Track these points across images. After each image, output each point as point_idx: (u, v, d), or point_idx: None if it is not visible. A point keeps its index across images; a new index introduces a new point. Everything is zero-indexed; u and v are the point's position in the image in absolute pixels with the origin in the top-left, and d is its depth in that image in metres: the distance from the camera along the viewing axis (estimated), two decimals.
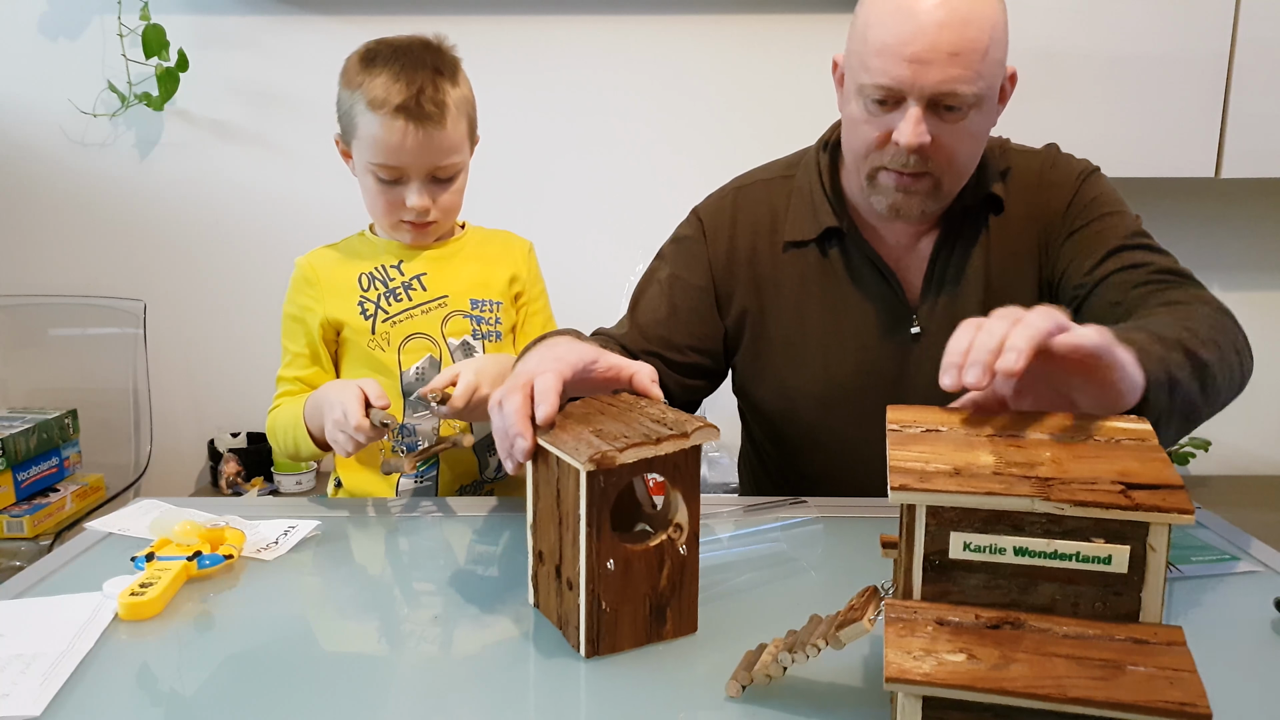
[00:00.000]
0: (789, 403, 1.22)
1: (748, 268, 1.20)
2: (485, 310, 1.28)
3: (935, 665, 0.57)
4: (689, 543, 0.77)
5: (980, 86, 1.01)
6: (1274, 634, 0.80)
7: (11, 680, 0.71)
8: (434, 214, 1.22)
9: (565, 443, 0.74)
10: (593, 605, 0.74)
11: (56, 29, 2.28)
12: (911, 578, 0.62)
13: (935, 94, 1.00)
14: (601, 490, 0.72)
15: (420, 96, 1.15)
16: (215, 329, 2.41)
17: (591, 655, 0.75)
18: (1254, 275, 2.40)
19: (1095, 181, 1.16)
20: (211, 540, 0.93)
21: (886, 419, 0.70)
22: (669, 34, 2.31)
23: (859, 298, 1.17)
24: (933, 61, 0.99)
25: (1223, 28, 1.97)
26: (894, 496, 0.61)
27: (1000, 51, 1.03)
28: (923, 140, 1.02)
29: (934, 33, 0.98)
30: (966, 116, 1.03)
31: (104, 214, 2.36)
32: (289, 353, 1.26)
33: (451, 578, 0.91)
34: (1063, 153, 1.19)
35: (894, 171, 1.06)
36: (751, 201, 1.23)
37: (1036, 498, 0.58)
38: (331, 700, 0.70)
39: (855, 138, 1.09)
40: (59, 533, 2.02)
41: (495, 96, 1.44)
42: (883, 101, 1.03)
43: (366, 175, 1.21)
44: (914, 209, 1.08)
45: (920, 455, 0.64)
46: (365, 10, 2.27)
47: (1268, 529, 1.17)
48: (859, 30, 1.06)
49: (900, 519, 0.63)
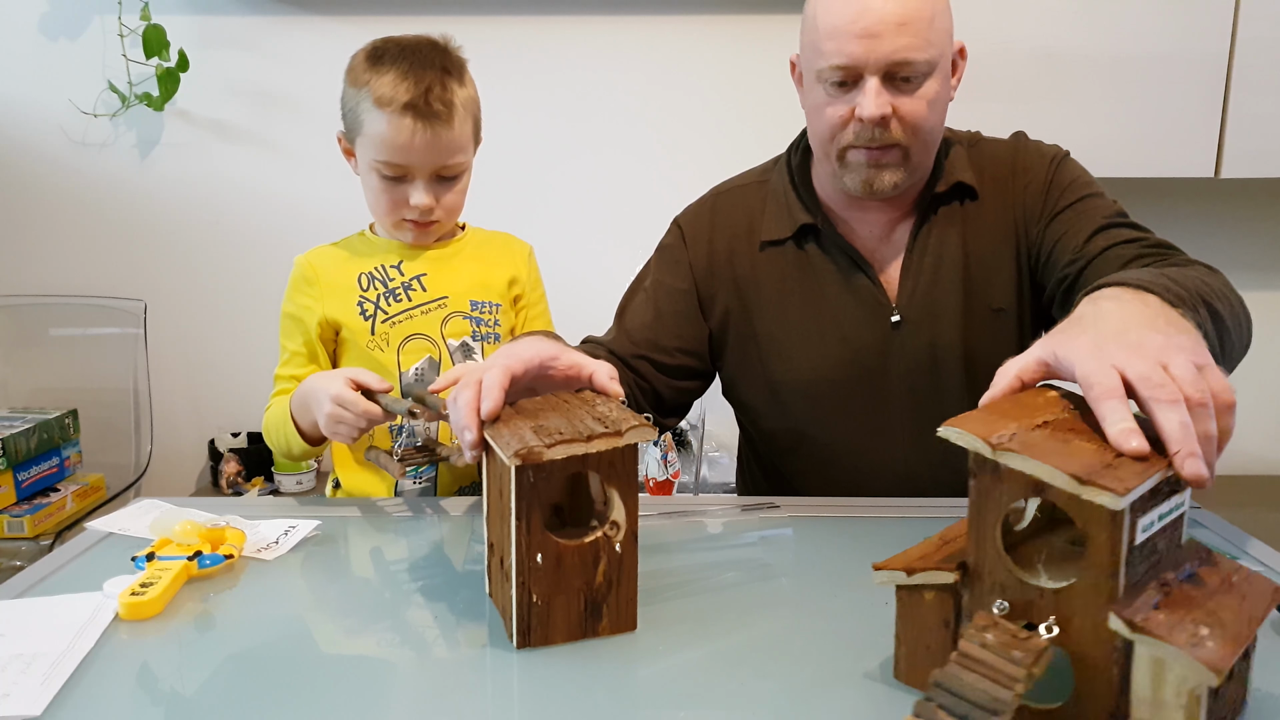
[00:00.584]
0: (775, 397, 1.23)
1: (728, 269, 1.23)
2: (485, 312, 1.28)
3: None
4: (626, 541, 0.77)
5: (931, 54, 1.06)
6: (1274, 634, 0.80)
7: (11, 680, 0.71)
8: (437, 213, 1.23)
9: (502, 436, 0.75)
10: (524, 597, 0.75)
11: (57, 29, 2.28)
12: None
13: (890, 64, 1.05)
14: (531, 484, 0.73)
15: (428, 95, 1.16)
16: (215, 329, 2.41)
17: (523, 646, 0.76)
18: (1254, 275, 2.40)
19: (1069, 165, 1.19)
20: (212, 540, 0.93)
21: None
22: (669, 35, 2.31)
23: (838, 290, 1.19)
24: (882, 34, 1.03)
25: (1223, 28, 1.97)
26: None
27: (945, 21, 1.09)
28: (884, 110, 1.06)
29: (879, 6, 1.03)
30: (922, 85, 1.07)
31: (104, 214, 2.36)
32: (286, 351, 1.26)
33: (451, 577, 0.92)
34: (1030, 139, 1.22)
35: (862, 148, 1.09)
36: (729, 207, 1.26)
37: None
38: (331, 700, 0.70)
39: (820, 123, 1.12)
40: (59, 533, 2.02)
41: (495, 97, 1.44)
42: (841, 83, 1.07)
43: (370, 173, 1.21)
44: (886, 182, 1.11)
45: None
46: (366, 10, 2.27)
47: (1268, 529, 1.17)
48: (809, 22, 1.10)
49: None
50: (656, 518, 1.08)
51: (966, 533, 0.66)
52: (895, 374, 1.18)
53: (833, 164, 1.13)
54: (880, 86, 1.05)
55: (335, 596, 0.89)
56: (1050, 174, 1.17)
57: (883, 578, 0.70)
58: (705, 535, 1.04)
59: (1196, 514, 1.10)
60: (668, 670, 0.74)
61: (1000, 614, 0.63)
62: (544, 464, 0.72)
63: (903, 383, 1.18)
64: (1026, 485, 0.60)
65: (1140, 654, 0.58)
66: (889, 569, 0.69)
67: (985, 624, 0.61)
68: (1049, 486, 0.59)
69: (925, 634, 0.69)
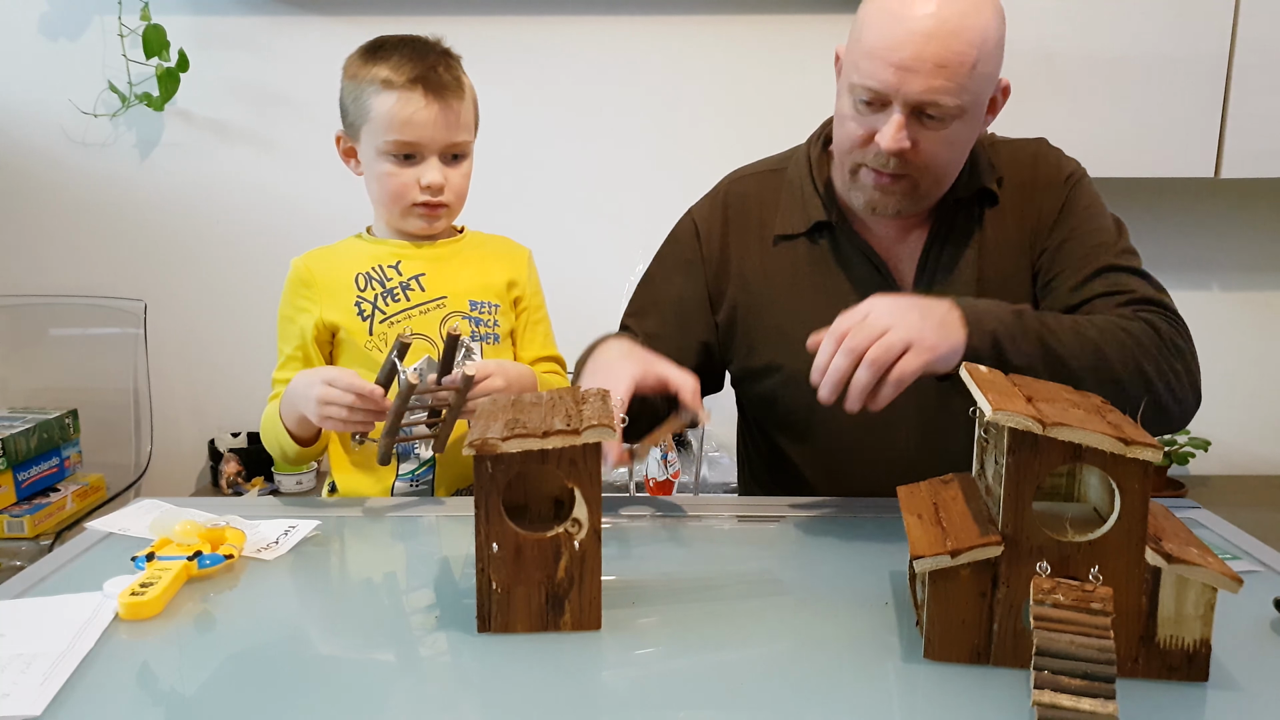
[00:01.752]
0: (783, 389, 1.22)
1: (739, 263, 1.23)
2: (484, 312, 1.28)
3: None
4: (588, 539, 0.78)
5: (964, 99, 1.03)
6: (1274, 634, 0.80)
7: (11, 680, 0.71)
8: (447, 194, 1.23)
9: (475, 428, 0.79)
10: (483, 583, 0.78)
11: (57, 29, 2.28)
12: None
13: (918, 102, 1.03)
14: (490, 475, 0.76)
15: (436, 69, 1.19)
16: (215, 329, 2.41)
17: (483, 630, 0.79)
18: (1254, 275, 2.40)
19: (1085, 188, 1.18)
20: (212, 540, 0.93)
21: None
22: (668, 35, 2.31)
23: (849, 286, 1.18)
24: (918, 70, 1.01)
25: (1223, 28, 1.97)
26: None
27: (990, 65, 1.05)
28: (901, 145, 1.04)
29: (921, 42, 1.00)
30: (948, 125, 1.05)
31: (104, 214, 2.36)
32: (283, 355, 1.26)
33: (451, 577, 0.92)
34: (1051, 147, 1.21)
35: (874, 170, 1.09)
36: (741, 196, 1.25)
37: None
38: (332, 700, 0.70)
39: (842, 133, 1.12)
40: (59, 533, 2.02)
41: (493, 97, 1.45)
42: (869, 102, 1.05)
43: (378, 160, 1.21)
44: (889, 207, 1.11)
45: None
46: (365, 10, 2.27)
47: (1268, 529, 1.17)
48: (856, 29, 1.08)
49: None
50: (653, 518, 1.08)
51: (1001, 504, 0.72)
52: None
53: (844, 174, 1.14)
54: (904, 120, 1.03)
55: (335, 596, 0.89)
56: (1065, 195, 1.16)
57: (927, 564, 0.73)
58: (704, 535, 1.04)
59: (1196, 514, 1.10)
60: (675, 670, 0.74)
61: (1044, 574, 0.71)
62: (499, 455, 0.75)
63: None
64: (1065, 454, 0.70)
65: (1166, 580, 0.71)
66: (929, 555, 0.73)
67: (1048, 587, 0.69)
68: (1089, 451, 0.69)
69: (961, 609, 0.74)
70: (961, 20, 1.01)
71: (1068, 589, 0.69)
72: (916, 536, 0.76)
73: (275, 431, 1.19)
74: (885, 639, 0.78)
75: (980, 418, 0.82)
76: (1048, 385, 0.81)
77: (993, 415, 0.70)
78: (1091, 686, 0.64)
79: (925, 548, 0.74)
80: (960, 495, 0.83)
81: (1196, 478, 2.38)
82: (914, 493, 0.87)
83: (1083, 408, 0.75)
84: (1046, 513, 0.75)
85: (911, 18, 1.01)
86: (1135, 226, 1.21)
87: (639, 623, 0.82)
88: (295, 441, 1.18)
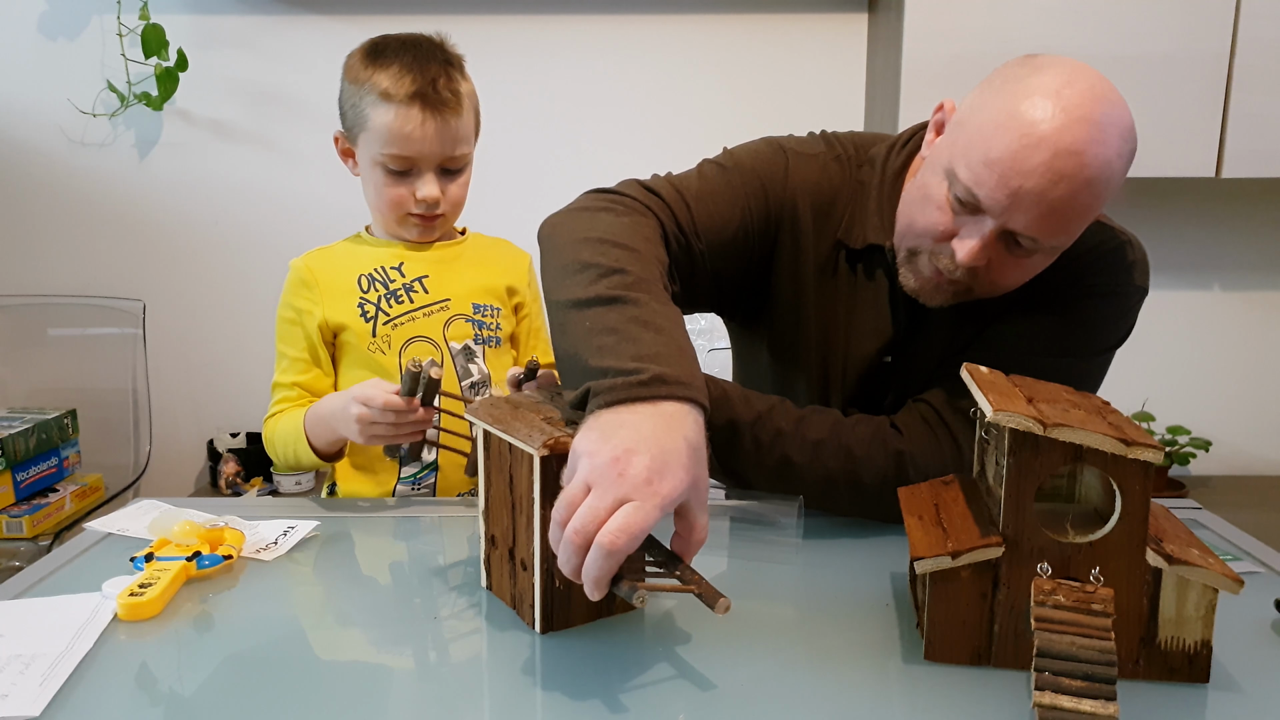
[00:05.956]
0: (772, 386, 1.18)
1: (791, 234, 1.10)
2: (487, 315, 1.28)
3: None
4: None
5: (1061, 240, 0.94)
6: (1274, 634, 0.80)
7: (11, 680, 0.71)
8: (443, 206, 1.22)
9: (518, 430, 0.78)
10: (547, 584, 0.78)
11: (56, 29, 2.28)
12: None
13: (1014, 230, 0.92)
14: (555, 474, 0.75)
15: (435, 84, 1.17)
16: (215, 329, 2.41)
17: (546, 631, 0.79)
18: (1254, 275, 2.40)
19: (1103, 313, 1.05)
20: (211, 540, 0.93)
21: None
22: (668, 35, 2.31)
23: (862, 313, 1.11)
24: (1034, 207, 0.89)
25: (1223, 28, 1.97)
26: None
27: (1095, 212, 0.93)
28: (978, 263, 0.94)
29: (1050, 181, 0.87)
30: (1032, 256, 0.95)
31: (104, 214, 2.36)
32: (285, 358, 1.24)
33: (450, 575, 0.91)
34: (1128, 260, 1.05)
35: (936, 268, 0.98)
36: (826, 173, 1.11)
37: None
38: (331, 700, 0.70)
39: (920, 213, 0.98)
40: (58, 533, 2.02)
41: (493, 96, 1.44)
42: (963, 201, 0.93)
43: (375, 169, 1.21)
44: (934, 301, 1.02)
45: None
46: (365, 10, 2.27)
47: (1268, 529, 1.17)
48: (982, 110, 0.92)
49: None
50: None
51: (1002, 505, 0.72)
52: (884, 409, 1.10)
53: (902, 249, 1.02)
54: (992, 240, 0.92)
55: (334, 597, 0.88)
56: (1074, 298, 1.03)
57: (928, 565, 0.73)
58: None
59: (1197, 514, 1.10)
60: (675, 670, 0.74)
61: (1044, 576, 0.71)
62: (566, 452, 0.75)
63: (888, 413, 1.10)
64: (1066, 455, 0.70)
65: (1167, 581, 0.71)
66: (929, 556, 0.73)
67: (1049, 588, 0.70)
68: (1090, 452, 0.69)
69: (961, 610, 0.74)
70: (1101, 169, 0.88)
71: (1069, 590, 0.70)
72: (917, 537, 0.77)
73: (295, 446, 1.18)
74: (886, 640, 0.78)
75: (981, 418, 0.82)
76: (1048, 386, 0.81)
77: (993, 416, 0.70)
78: (1092, 688, 0.64)
79: (926, 549, 0.74)
80: (961, 496, 0.83)
81: (1197, 478, 2.38)
82: (914, 493, 0.87)
83: (1083, 408, 0.75)
84: (1047, 513, 0.75)
85: (1051, 149, 0.86)
86: (1136, 226, 1.20)
87: (639, 622, 0.82)
88: (320, 456, 1.18)
